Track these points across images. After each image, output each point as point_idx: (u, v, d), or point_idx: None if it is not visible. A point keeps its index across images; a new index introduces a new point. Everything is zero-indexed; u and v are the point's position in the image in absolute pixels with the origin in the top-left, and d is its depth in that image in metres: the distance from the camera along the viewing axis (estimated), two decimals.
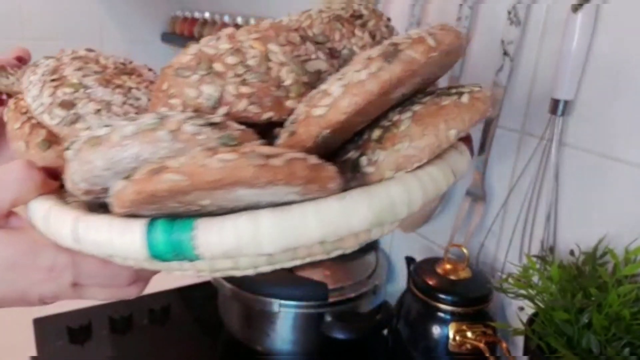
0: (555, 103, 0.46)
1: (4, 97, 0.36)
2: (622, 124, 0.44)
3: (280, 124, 0.25)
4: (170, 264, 0.24)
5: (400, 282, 0.72)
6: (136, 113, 0.26)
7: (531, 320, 0.44)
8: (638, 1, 0.41)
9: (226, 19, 0.98)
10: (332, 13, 0.32)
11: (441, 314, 0.53)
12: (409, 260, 0.63)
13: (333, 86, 0.23)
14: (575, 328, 0.40)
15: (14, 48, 0.38)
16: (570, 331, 0.40)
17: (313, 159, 0.21)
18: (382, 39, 0.31)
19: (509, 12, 0.48)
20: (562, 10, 0.45)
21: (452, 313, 0.52)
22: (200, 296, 0.78)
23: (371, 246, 0.72)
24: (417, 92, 0.26)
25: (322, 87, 0.23)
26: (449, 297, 0.52)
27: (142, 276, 0.29)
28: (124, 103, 0.28)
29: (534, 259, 0.46)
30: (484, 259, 0.57)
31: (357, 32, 0.30)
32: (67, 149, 0.24)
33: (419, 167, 0.24)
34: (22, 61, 0.38)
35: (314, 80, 0.25)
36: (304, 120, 0.23)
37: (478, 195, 0.56)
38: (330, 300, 0.60)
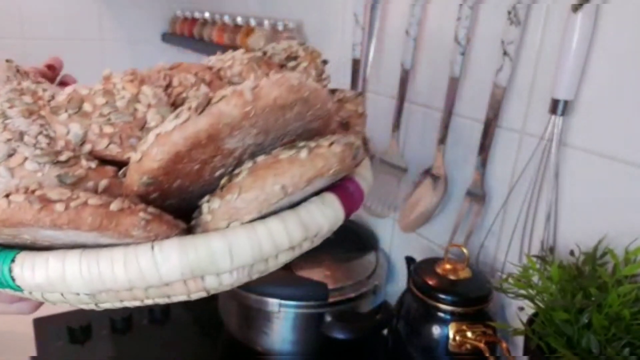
0: (555, 103, 0.46)
1: None
2: (622, 124, 0.44)
3: None
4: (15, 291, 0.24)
5: (400, 282, 0.72)
6: (48, 144, 0.27)
7: (531, 320, 0.44)
8: (638, 1, 0.41)
9: (226, 19, 0.98)
10: (253, 55, 0.33)
11: (441, 314, 0.53)
12: (409, 260, 0.63)
13: (151, 133, 0.23)
14: (575, 328, 0.40)
15: (50, 57, 0.39)
16: (570, 331, 0.40)
17: (122, 203, 0.21)
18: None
19: (509, 12, 0.48)
20: (562, 10, 0.45)
21: (452, 313, 0.52)
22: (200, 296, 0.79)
23: (371, 246, 0.72)
24: (305, 133, 0.26)
25: (145, 136, 0.24)
26: (449, 297, 0.52)
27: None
28: (39, 133, 0.28)
29: (534, 259, 0.46)
30: (484, 259, 0.57)
31: (271, 74, 0.27)
32: None
33: (260, 219, 0.24)
34: (53, 70, 0.39)
35: None
36: (130, 165, 0.24)
37: (478, 195, 0.56)
38: (330, 300, 0.60)
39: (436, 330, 0.53)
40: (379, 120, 0.71)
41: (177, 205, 0.25)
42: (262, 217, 0.24)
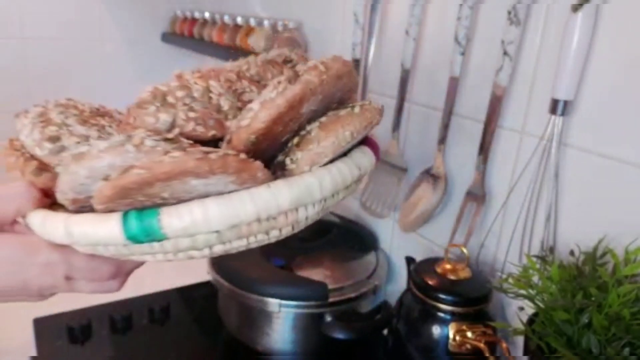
0: (555, 103, 0.46)
1: None
2: (622, 124, 0.44)
3: (222, 139, 0.33)
4: (143, 247, 0.29)
5: (400, 282, 0.72)
6: None
7: (531, 320, 0.44)
8: (638, 1, 0.41)
9: (226, 18, 0.98)
10: (265, 58, 0.41)
11: (441, 314, 0.53)
12: (409, 260, 0.63)
13: (254, 104, 0.31)
14: (575, 328, 0.40)
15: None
16: (570, 331, 0.40)
17: (243, 156, 0.28)
18: None
19: (509, 12, 0.48)
20: (562, 10, 0.45)
21: (452, 313, 0.52)
22: (200, 296, 0.79)
23: (371, 246, 0.72)
24: (328, 109, 0.35)
25: (248, 106, 0.31)
26: (449, 297, 0.52)
27: (122, 270, 0.35)
28: (99, 137, 0.34)
29: (534, 259, 0.46)
30: (483, 259, 0.57)
31: (285, 71, 0.39)
32: (58, 166, 0.31)
33: (330, 162, 0.32)
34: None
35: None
36: (236, 130, 0.31)
37: (478, 195, 0.56)
38: (331, 300, 0.60)
39: (436, 330, 0.53)
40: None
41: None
42: (331, 161, 0.33)
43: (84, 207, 0.30)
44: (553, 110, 0.46)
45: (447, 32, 0.56)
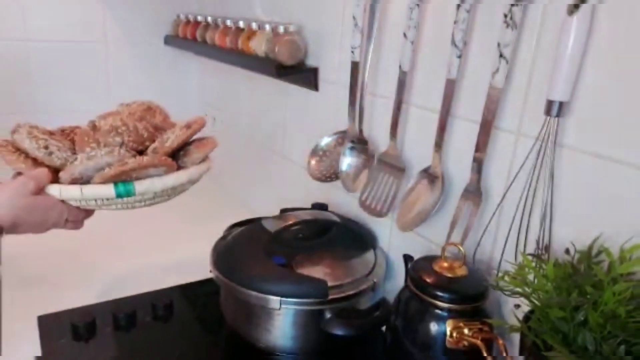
0: (550, 104, 0.46)
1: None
2: (617, 125, 0.44)
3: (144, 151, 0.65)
4: (116, 200, 0.61)
5: (398, 279, 0.73)
6: (71, 151, 0.64)
7: (527, 318, 0.45)
8: (634, 2, 0.42)
9: (228, 22, 0.99)
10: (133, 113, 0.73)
11: (438, 311, 0.53)
12: (407, 258, 0.63)
13: (169, 134, 0.65)
14: (570, 325, 0.40)
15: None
16: (566, 328, 0.40)
17: (168, 158, 0.63)
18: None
19: (505, 16, 0.49)
20: (558, 12, 0.46)
21: (449, 310, 0.53)
22: (202, 293, 0.79)
23: (370, 245, 0.73)
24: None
25: (165, 136, 0.65)
26: (446, 295, 0.53)
27: (87, 216, 0.64)
28: (70, 147, 0.64)
29: (530, 257, 0.46)
30: (480, 257, 0.58)
31: (177, 125, 0.70)
32: (74, 161, 0.60)
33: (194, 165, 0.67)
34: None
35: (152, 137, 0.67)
36: (161, 146, 0.64)
37: (475, 194, 0.56)
38: (330, 297, 0.60)
39: (433, 327, 0.54)
40: (378, 122, 0.72)
41: None
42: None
43: (75, 183, 0.60)
44: (548, 111, 0.47)
45: (445, 35, 0.57)
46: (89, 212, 0.63)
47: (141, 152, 0.63)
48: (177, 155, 0.66)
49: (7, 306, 0.71)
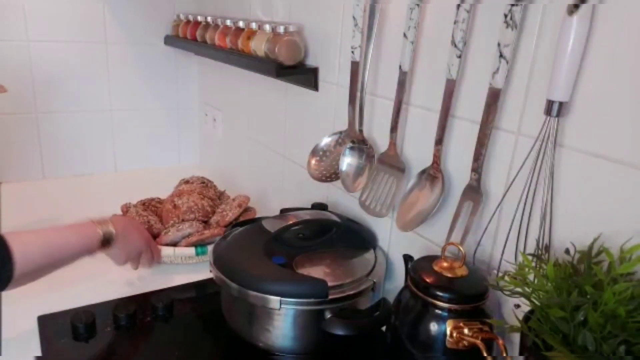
0: (550, 104, 0.46)
1: None
2: (617, 125, 0.44)
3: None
4: (191, 257, 0.88)
5: (398, 279, 0.73)
6: (160, 223, 0.96)
7: (527, 318, 0.45)
8: (633, 3, 0.42)
9: (228, 22, 0.99)
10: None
11: (438, 311, 0.53)
12: (407, 258, 0.63)
13: (226, 208, 0.95)
14: (571, 325, 0.40)
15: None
16: (566, 328, 0.40)
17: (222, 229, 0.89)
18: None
19: (505, 16, 0.49)
20: (558, 13, 0.46)
21: (449, 310, 0.53)
22: (202, 294, 0.79)
23: (370, 245, 0.73)
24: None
25: (224, 213, 0.94)
26: (446, 295, 0.53)
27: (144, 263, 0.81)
28: (157, 221, 0.95)
29: (530, 257, 0.46)
30: (480, 257, 0.58)
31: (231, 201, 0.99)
32: (167, 232, 0.90)
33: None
34: None
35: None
36: (222, 219, 0.93)
37: (475, 194, 0.56)
38: (330, 297, 0.61)
39: (433, 326, 0.53)
40: (378, 122, 0.72)
41: None
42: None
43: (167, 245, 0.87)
44: (548, 111, 0.47)
45: (445, 35, 0.57)
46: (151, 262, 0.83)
47: (206, 222, 0.93)
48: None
49: (7, 306, 0.71)
